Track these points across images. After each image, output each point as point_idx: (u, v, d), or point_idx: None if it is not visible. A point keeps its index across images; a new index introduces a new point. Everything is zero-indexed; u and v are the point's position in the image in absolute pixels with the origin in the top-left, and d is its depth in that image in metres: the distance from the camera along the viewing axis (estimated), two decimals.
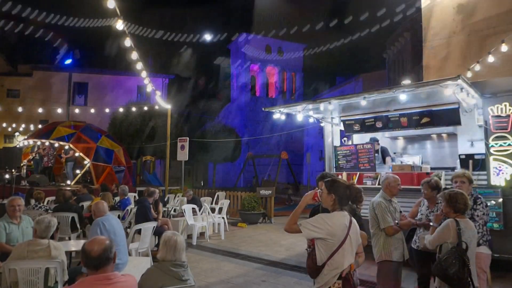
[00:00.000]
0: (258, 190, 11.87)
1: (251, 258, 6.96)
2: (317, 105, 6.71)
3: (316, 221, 2.56)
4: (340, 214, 2.61)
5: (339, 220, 2.57)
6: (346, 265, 2.52)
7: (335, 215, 2.61)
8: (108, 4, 4.37)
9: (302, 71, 41.15)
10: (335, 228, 2.52)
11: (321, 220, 2.55)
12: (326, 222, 2.54)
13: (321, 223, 2.53)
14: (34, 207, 7.00)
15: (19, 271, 3.29)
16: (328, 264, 2.51)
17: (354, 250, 2.62)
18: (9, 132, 23.47)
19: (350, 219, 2.63)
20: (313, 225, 2.55)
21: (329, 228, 2.51)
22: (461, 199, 3.19)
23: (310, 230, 2.54)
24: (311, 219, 2.62)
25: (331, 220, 2.56)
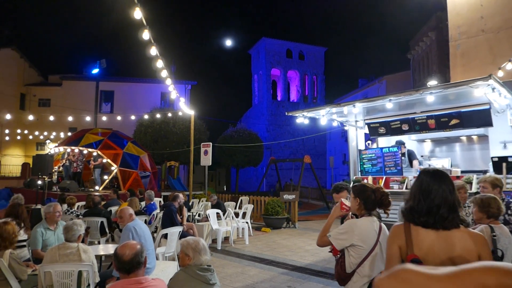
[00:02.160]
0: (281, 194, 11.82)
1: (276, 263, 6.93)
2: (341, 108, 6.64)
3: (344, 229, 2.51)
4: (368, 220, 2.55)
5: (368, 226, 2.51)
6: (376, 272, 2.46)
7: (362, 221, 2.56)
8: (135, 15, 4.52)
9: (324, 74, 40.86)
10: (364, 234, 2.46)
11: (348, 227, 2.50)
12: (354, 228, 2.48)
13: (350, 230, 2.48)
14: (66, 212, 7.24)
15: (54, 274, 3.41)
16: (357, 272, 2.45)
17: (385, 257, 2.56)
18: (41, 139, 24.48)
19: (379, 224, 2.56)
20: (342, 233, 2.50)
21: (358, 234, 2.45)
22: (494, 203, 3.04)
23: (341, 240, 2.49)
24: (339, 228, 2.57)
25: (359, 225, 2.50)
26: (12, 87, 25.67)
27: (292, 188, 19.29)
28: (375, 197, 2.60)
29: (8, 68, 25.51)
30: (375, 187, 2.70)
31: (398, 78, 28.11)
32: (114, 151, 14.61)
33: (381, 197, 2.62)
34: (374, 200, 2.60)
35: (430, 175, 1.79)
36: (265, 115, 37.97)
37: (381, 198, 2.61)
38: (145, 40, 5.27)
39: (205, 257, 2.87)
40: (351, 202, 2.69)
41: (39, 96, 27.35)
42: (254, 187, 34.69)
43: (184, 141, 19.78)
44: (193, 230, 7.22)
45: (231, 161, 24.94)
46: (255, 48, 41.12)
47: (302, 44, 40.19)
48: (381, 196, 2.62)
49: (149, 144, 20.05)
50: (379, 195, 2.62)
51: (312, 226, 11.78)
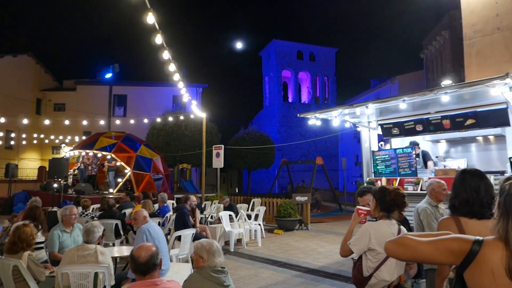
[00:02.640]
0: (293, 196, 11.79)
1: (289, 265, 6.90)
2: (354, 109, 6.59)
3: (360, 234, 2.49)
4: (386, 223, 2.52)
5: (385, 229, 2.47)
6: (395, 276, 2.42)
7: (379, 224, 2.52)
8: (148, 19, 4.59)
9: (335, 75, 40.64)
10: (381, 237, 2.41)
11: (364, 232, 2.47)
12: (370, 232, 2.45)
13: (365, 234, 2.45)
14: (81, 214, 7.35)
15: (71, 275, 3.46)
16: (375, 276, 2.41)
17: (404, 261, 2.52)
18: (56, 143, 24.96)
19: (398, 227, 2.52)
20: (358, 239, 2.47)
21: (374, 238, 2.42)
22: None
23: (359, 246, 2.46)
24: (357, 234, 2.54)
25: (376, 229, 2.47)
26: (28, 93, 26.26)
27: (321, 195, 19.00)
28: (390, 197, 2.56)
29: (24, 74, 26.11)
30: (392, 188, 2.65)
31: (411, 78, 27.76)
32: (127, 154, 14.80)
33: (394, 197, 2.57)
34: (389, 201, 2.56)
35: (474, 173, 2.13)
36: (276, 117, 37.95)
37: (394, 198, 2.56)
38: (157, 44, 5.34)
39: (219, 259, 2.88)
40: (371, 204, 2.68)
41: (54, 101, 27.91)
42: (266, 189, 34.66)
43: (196, 144, 19.92)
44: (206, 232, 7.25)
45: (242, 163, 25.00)
46: (265, 50, 41.18)
47: (312, 45, 40.08)
48: (395, 196, 2.57)
49: (161, 147, 20.26)
50: (393, 196, 2.57)
51: (325, 228, 11.70)
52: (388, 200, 2.56)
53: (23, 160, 25.42)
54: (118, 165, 14.66)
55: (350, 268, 6.60)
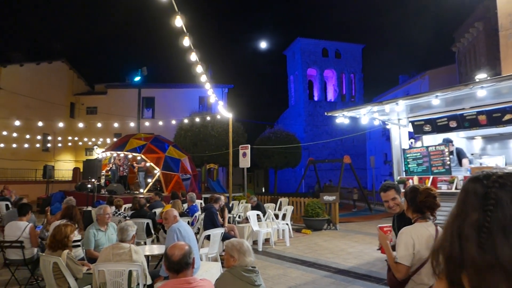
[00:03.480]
0: (321, 196, 11.66)
1: (318, 265, 6.83)
2: (383, 106, 6.43)
3: (404, 243, 2.36)
4: (422, 225, 2.43)
5: (423, 231, 2.39)
6: (434, 280, 2.34)
7: (415, 227, 2.43)
8: (176, 23, 4.68)
9: (362, 72, 39.83)
10: (420, 240, 2.34)
11: (407, 238, 2.36)
12: (410, 237, 2.35)
13: (407, 241, 2.34)
14: (114, 213, 7.60)
15: (106, 273, 3.59)
16: (413, 279, 2.32)
17: None
18: (89, 145, 25.97)
19: (436, 228, 2.42)
20: (403, 249, 2.34)
21: (416, 243, 2.33)
22: None
23: (408, 256, 2.33)
24: (399, 246, 2.40)
25: (415, 232, 2.38)
26: (63, 97, 27.46)
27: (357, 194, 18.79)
28: (420, 198, 2.45)
29: (59, 79, 27.32)
30: (423, 188, 2.54)
31: (442, 72, 26.76)
32: (156, 155, 15.16)
33: (425, 198, 2.45)
34: (419, 202, 2.46)
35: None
36: (302, 115, 37.67)
37: (425, 199, 2.45)
38: (185, 47, 5.44)
39: (249, 258, 2.89)
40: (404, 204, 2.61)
41: (86, 105, 29.03)
42: (292, 189, 34.49)
43: (222, 144, 20.13)
44: (234, 232, 7.30)
45: (269, 163, 25.00)
46: (290, 49, 40.97)
47: (338, 42, 39.48)
48: (425, 197, 2.45)
49: (189, 147, 20.60)
50: (423, 196, 2.46)
51: (354, 228, 11.50)
52: (419, 201, 2.46)
53: (58, 162, 26.61)
54: (148, 166, 15.05)
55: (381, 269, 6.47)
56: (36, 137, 22.00)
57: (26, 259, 5.14)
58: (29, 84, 24.29)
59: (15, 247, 5.08)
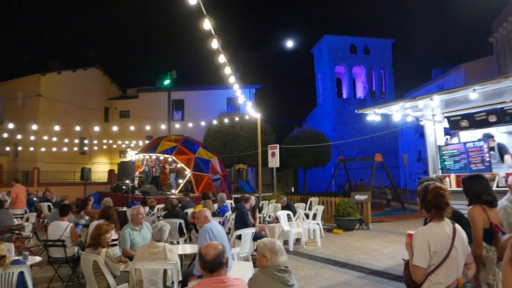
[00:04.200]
0: (353, 195, 11.44)
1: (351, 266, 6.71)
2: (416, 102, 6.21)
3: (419, 246, 2.32)
4: (437, 224, 2.35)
5: (439, 231, 2.31)
6: (452, 280, 2.25)
7: (430, 228, 2.36)
8: (204, 25, 4.76)
9: (392, 68, 38.69)
10: (436, 241, 2.27)
11: (422, 240, 2.31)
12: (425, 239, 2.29)
13: (425, 243, 2.29)
14: (148, 214, 7.83)
15: (143, 271, 3.70)
16: (430, 278, 2.27)
17: (461, 262, 2.31)
18: (122, 148, 26.89)
19: (453, 227, 2.34)
20: (421, 252, 2.29)
21: (432, 244, 2.27)
22: None
23: (425, 259, 2.29)
24: (415, 249, 2.35)
25: (430, 233, 2.32)
26: (97, 102, 28.62)
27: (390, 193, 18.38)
28: (428, 197, 2.40)
29: (94, 85, 28.51)
30: (432, 187, 2.45)
31: (479, 65, 25.49)
32: (187, 156, 15.45)
33: (432, 197, 2.38)
34: (427, 201, 2.40)
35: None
36: (330, 114, 37.13)
37: (432, 198, 2.38)
38: (213, 49, 5.52)
39: (282, 258, 2.88)
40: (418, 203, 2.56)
41: (120, 109, 30.10)
42: (322, 188, 34.08)
43: (251, 144, 20.21)
44: (265, 232, 7.31)
45: (298, 162, 24.83)
46: (317, 47, 40.51)
47: (366, 38, 38.59)
48: (433, 196, 2.38)
49: (218, 148, 20.84)
50: (430, 195, 2.39)
51: (387, 228, 11.19)
52: (427, 200, 2.40)
53: (95, 164, 27.74)
54: (179, 167, 15.37)
55: None
56: (74, 141, 23.04)
57: (68, 257, 5.40)
58: (66, 90, 25.51)
59: (58, 245, 5.35)
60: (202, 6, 4.23)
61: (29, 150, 22.65)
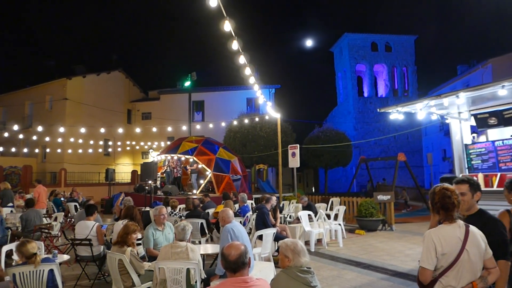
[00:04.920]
0: (375, 195, 11.24)
1: (374, 267, 6.59)
2: (441, 100, 6.04)
3: (426, 247, 2.31)
4: (448, 227, 2.30)
5: (448, 233, 2.27)
6: (463, 283, 2.20)
7: (439, 229, 2.32)
8: (225, 27, 4.79)
9: (415, 65, 37.75)
10: (444, 243, 2.24)
11: (428, 242, 2.30)
12: (434, 239, 2.27)
13: (431, 244, 2.28)
14: (170, 214, 7.96)
15: (166, 270, 3.76)
16: (440, 281, 2.24)
17: (476, 266, 2.25)
18: (145, 149, 27.44)
19: (466, 229, 2.28)
20: (427, 254, 2.29)
21: (439, 245, 2.25)
22: None
23: (431, 260, 2.27)
24: (423, 249, 2.35)
25: (438, 234, 2.28)
26: (120, 104, 29.31)
27: (407, 193, 18.02)
28: (435, 199, 2.38)
29: (117, 88, 29.22)
30: (439, 188, 2.42)
31: (507, 60, 24.50)
32: (207, 157, 15.60)
33: (438, 199, 2.36)
34: (435, 203, 2.38)
35: None
36: (351, 113, 36.60)
37: (438, 200, 2.36)
38: (234, 50, 5.55)
39: (304, 258, 2.87)
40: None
41: (142, 111, 30.70)
42: (343, 188, 33.64)
43: (271, 144, 20.19)
44: (286, 232, 7.29)
45: (318, 162, 24.61)
46: (337, 45, 40.03)
47: (388, 35, 37.81)
48: (439, 198, 2.36)
49: (238, 149, 20.93)
50: (437, 197, 2.36)
51: (411, 229, 10.93)
52: (434, 202, 2.38)
53: (118, 165, 28.42)
54: (200, 168, 15.54)
55: None
56: (99, 143, 23.72)
57: (94, 256, 5.56)
58: (91, 93, 26.25)
59: (84, 244, 5.51)
60: (222, 8, 4.26)
61: (57, 152, 23.46)
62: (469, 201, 2.72)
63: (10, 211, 9.67)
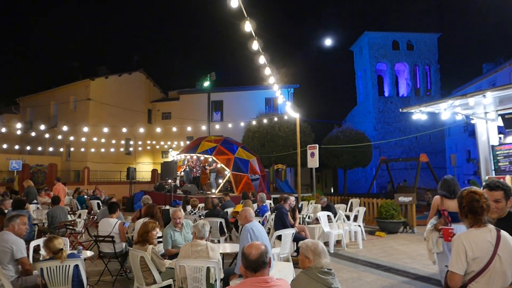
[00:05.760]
0: (396, 196, 11.03)
1: (395, 270, 6.47)
2: (466, 100, 5.86)
3: (456, 251, 2.24)
4: (478, 230, 2.24)
5: (479, 237, 2.20)
6: None
7: (470, 233, 2.26)
8: (245, 28, 4.81)
9: (438, 63, 36.80)
10: (474, 247, 2.17)
11: (458, 245, 2.23)
12: (464, 243, 2.20)
13: (461, 248, 2.21)
14: (190, 212, 8.05)
15: (187, 268, 3.82)
16: (470, 286, 2.18)
17: (507, 272, 2.18)
18: (165, 148, 27.87)
19: (497, 234, 2.20)
20: (457, 258, 2.23)
21: (469, 250, 2.18)
22: None
23: (461, 264, 2.21)
24: (452, 254, 2.28)
25: (468, 238, 2.22)
26: (141, 104, 29.87)
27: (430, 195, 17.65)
28: (463, 203, 2.33)
29: (138, 88, 29.79)
30: (466, 192, 2.36)
31: None
32: (226, 157, 15.69)
33: (466, 203, 2.31)
34: (463, 207, 2.33)
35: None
36: (371, 112, 36.03)
37: (466, 204, 2.31)
38: (254, 50, 5.56)
39: (325, 259, 2.85)
40: None
41: (162, 110, 31.20)
42: (362, 189, 33.18)
43: (289, 144, 20.12)
44: (305, 233, 7.25)
45: (337, 162, 24.35)
46: (357, 44, 39.49)
47: (409, 33, 36.99)
48: (467, 201, 2.31)
49: (257, 148, 20.96)
50: (465, 201, 2.31)
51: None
52: (462, 206, 2.33)
53: (139, 164, 28.97)
54: (219, 167, 15.65)
55: None
56: (120, 142, 24.22)
57: (117, 252, 5.68)
58: (113, 94, 26.87)
59: (107, 241, 5.65)
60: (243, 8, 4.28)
61: (80, 151, 24.12)
62: (503, 208, 2.64)
63: (36, 207, 10.01)
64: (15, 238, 4.08)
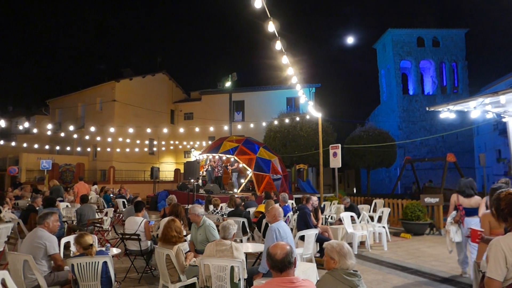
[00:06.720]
0: (422, 197, 10.74)
1: (421, 273, 6.31)
2: (497, 97, 5.63)
3: (494, 255, 2.15)
4: None
5: None
6: None
7: (508, 238, 2.16)
8: (269, 28, 4.81)
9: (465, 60, 35.57)
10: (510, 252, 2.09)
11: (497, 250, 2.13)
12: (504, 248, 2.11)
13: (501, 253, 2.12)
14: (213, 212, 8.13)
15: (211, 267, 3.86)
16: None
17: None
18: (187, 148, 28.26)
19: None
20: (495, 262, 2.13)
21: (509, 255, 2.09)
22: None
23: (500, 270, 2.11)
24: (489, 259, 2.19)
25: (504, 244, 2.13)
26: (164, 105, 30.41)
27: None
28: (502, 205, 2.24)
29: (161, 89, 30.35)
30: (504, 194, 2.26)
31: None
32: (248, 156, 15.75)
33: (505, 205, 2.23)
34: (501, 210, 2.24)
35: None
36: (396, 111, 35.24)
37: (505, 206, 2.23)
38: (277, 50, 5.57)
39: (350, 261, 2.81)
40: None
41: (184, 111, 31.66)
42: (386, 189, 32.50)
43: (311, 144, 19.97)
44: (328, 233, 7.18)
45: (360, 162, 23.97)
46: (380, 42, 38.73)
47: (435, 29, 35.95)
48: (506, 204, 2.23)
49: (278, 148, 20.92)
50: (503, 203, 2.23)
51: None
52: (500, 209, 2.25)
53: (162, 164, 29.50)
54: (240, 167, 15.73)
55: None
56: (144, 142, 24.77)
57: (142, 250, 5.82)
58: (137, 95, 27.49)
59: (134, 239, 5.79)
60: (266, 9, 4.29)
61: (106, 151, 24.82)
62: None
63: (66, 205, 10.38)
64: (48, 235, 4.25)
